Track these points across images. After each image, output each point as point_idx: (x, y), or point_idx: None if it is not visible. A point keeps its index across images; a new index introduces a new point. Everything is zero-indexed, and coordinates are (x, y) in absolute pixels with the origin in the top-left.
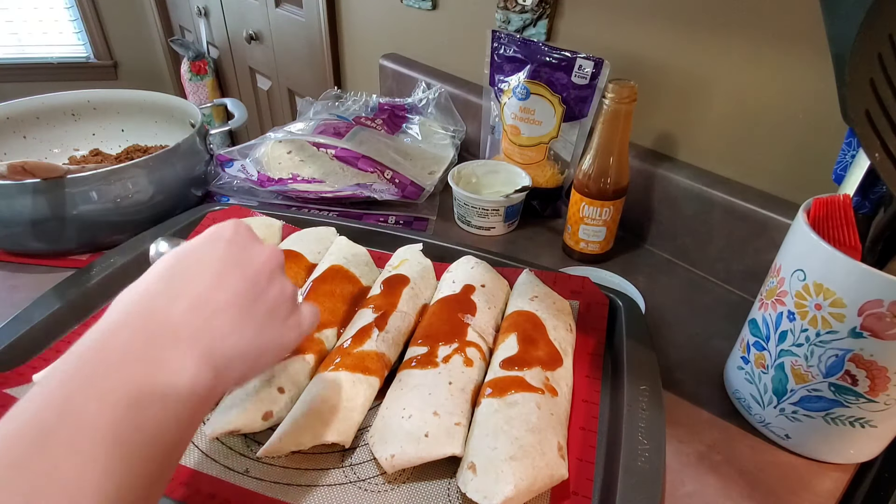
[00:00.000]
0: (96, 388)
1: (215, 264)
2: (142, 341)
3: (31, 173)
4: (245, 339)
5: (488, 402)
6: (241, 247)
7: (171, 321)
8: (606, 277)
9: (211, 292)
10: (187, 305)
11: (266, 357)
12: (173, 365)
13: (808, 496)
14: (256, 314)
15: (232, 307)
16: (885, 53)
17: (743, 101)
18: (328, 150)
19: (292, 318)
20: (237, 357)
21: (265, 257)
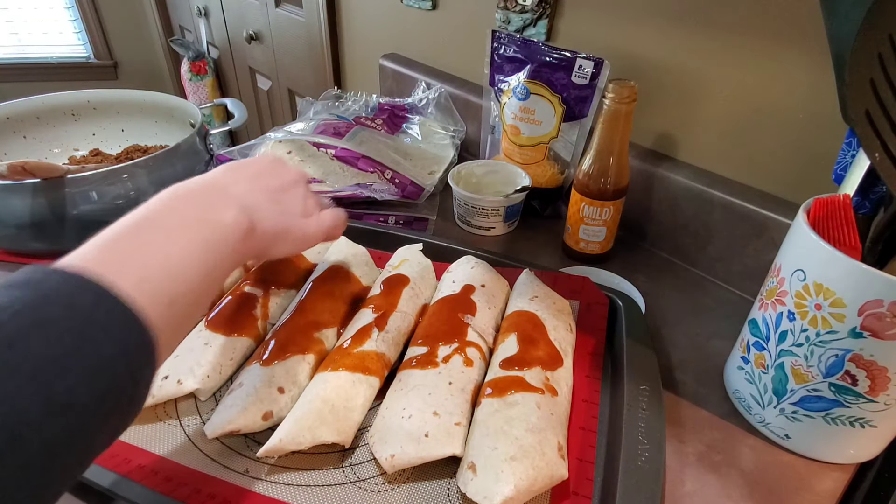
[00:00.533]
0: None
1: (257, 168)
2: (205, 193)
3: (31, 173)
4: (273, 214)
5: (488, 402)
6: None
7: (225, 187)
8: (606, 277)
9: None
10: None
11: (290, 235)
12: (223, 208)
13: (808, 496)
14: (282, 202)
15: (265, 192)
16: (885, 53)
17: (743, 101)
18: (328, 150)
19: (313, 216)
20: (267, 223)
21: (295, 174)
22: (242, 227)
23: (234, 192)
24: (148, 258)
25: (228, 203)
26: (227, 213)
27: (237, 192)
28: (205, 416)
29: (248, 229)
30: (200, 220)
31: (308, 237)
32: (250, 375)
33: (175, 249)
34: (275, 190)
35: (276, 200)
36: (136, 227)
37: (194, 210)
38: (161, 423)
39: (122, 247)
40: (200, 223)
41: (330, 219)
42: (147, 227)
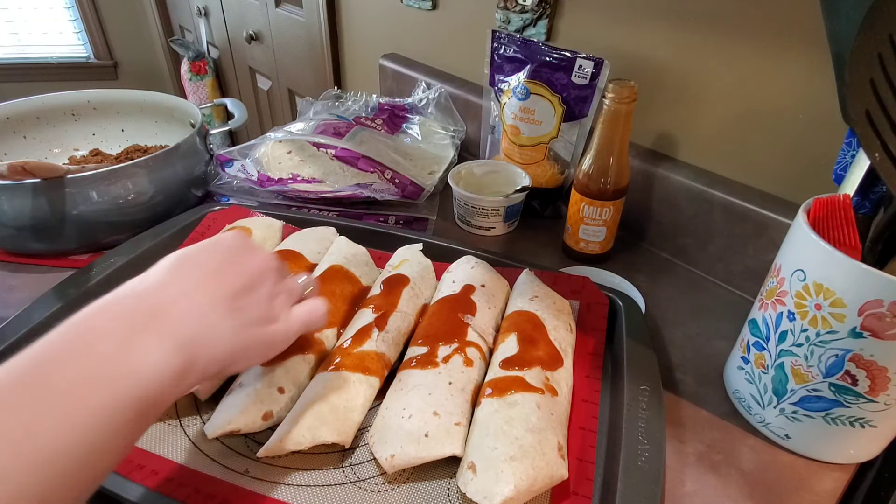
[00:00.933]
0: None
1: (211, 264)
2: (127, 322)
3: (31, 173)
4: (227, 334)
5: (488, 402)
6: (238, 252)
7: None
8: (606, 277)
9: (206, 284)
10: (182, 289)
11: (250, 353)
12: (149, 345)
13: (808, 496)
14: (241, 311)
15: (220, 302)
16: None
17: (743, 101)
18: (328, 150)
19: (280, 318)
20: (217, 348)
21: (258, 262)
22: (172, 370)
23: (176, 315)
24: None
25: (159, 335)
26: (151, 353)
27: (180, 312)
28: (205, 416)
29: (182, 370)
30: (105, 370)
31: (273, 346)
32: (250, 375)
33: (50, 429)
34: (234, 295)
35: (234, 310)
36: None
37: (102, 352)
38: (161, 423)
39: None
40: (103, 376)
41: (301, 319)
42: (19, 392)
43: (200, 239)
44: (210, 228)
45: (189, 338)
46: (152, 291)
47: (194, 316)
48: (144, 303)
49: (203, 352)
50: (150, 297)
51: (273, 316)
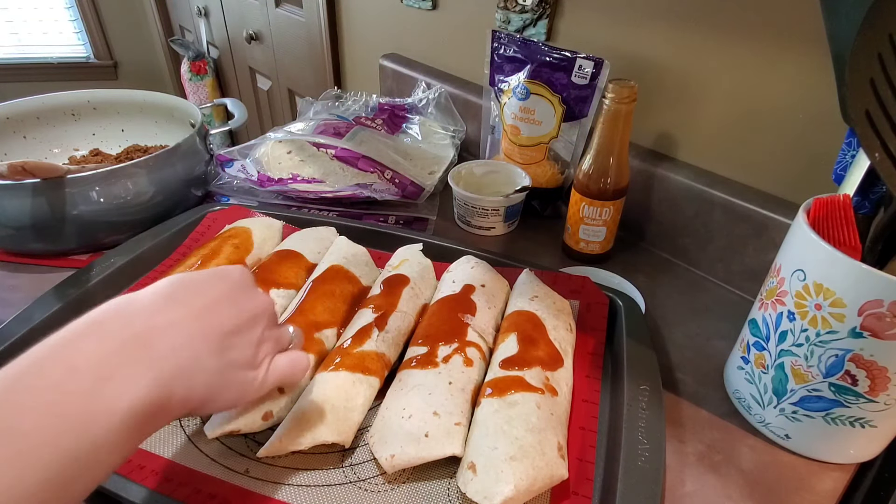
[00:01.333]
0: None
1: (211, 296)
2: (106, 349)
3: (31, 173)
4: (208, 373)
5: (488, 402)
6: (240, 290)
7: (145, 333)
8: (606, 277)
9: (202, 317)
10: (167, 322)
11: (225, 396)
12: (128, 378)
13: (808, 496)
14: (227, 351)
15: (212, 338)
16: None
17: (743, 101)
18: (328, 150)
19: (262, 366)
20: (198, 384)
21: (256, 304)
22: (149, 403)
23: (164, 346)
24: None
25: (142, 365)
26: (130, 385)
27: (169, 344)
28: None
29: (160, 404)
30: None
31: (247, 393)
32: None
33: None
34: (224, 334)
35: (221, 349)
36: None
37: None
38: None
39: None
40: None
41: (280, 371)
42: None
43: (201, 239)
44: (210, 228)
45: (170, 372)
46: (143, 315)
47: (180, 348)
48: (132, 327)
49: (181, 388)
50: (139, 322)
51: (256, 362)
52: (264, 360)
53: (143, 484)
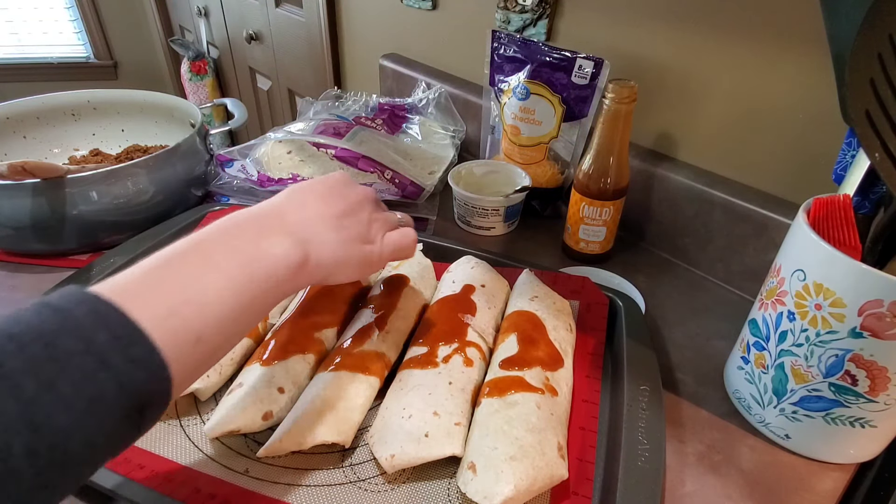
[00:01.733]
0: (229, 244)
1: (322, 189)
2: (260, 221)
3: (31, 173)
4: (332, 244)
5: (488, 402)
6: (343, 184)
7: (283, 214)
8: (606, 277)
9: (315, 204)
10: (297, 205)
11: (350, 263)
12: (275, 239)
13: (808, 496)
14: (344, 228)
15: (327, 218)
16: (885, 53)
17: (743, 101)
18: (328, 150)
19: (376, 242)
20: (325, 253)
21: (360, 192)
22: (293, 260)
23: (293, 220)
24: (180, 292)
25: (282, 233)
26: (277, 245)
27: (296, 219)
28: (205, 416)
29: (300, 262)
30: (247, 251)
31: (370, 264)
32: (250, 375)
33: (212, 282)
34: (338, 215)
35: (337, 227)
36: (180, 256)
37: (243, 240)
38: (161, 423)
39: (158, 278)
40: (246, 255)
41: (394, 243)
42: (191, 257)
43: None
44: None
45: (304, 238)
46: (275, 205)
47: (307, 224)
48: (269, 212)
49: (314, 252)
50: (273, 209)
51: (370, 237)
52: (377, 235)
53: (143, 484)
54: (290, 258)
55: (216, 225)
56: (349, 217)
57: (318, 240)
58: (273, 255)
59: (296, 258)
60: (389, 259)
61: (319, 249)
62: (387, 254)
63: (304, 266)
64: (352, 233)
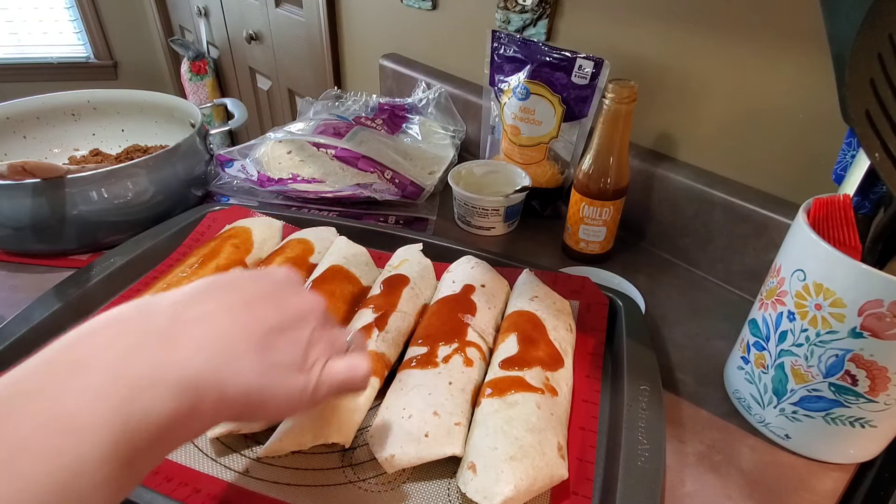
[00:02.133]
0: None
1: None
2: (123, 346)
3: (31, 173)
4: (246, 374)
5: (488, 402)
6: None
7: (171, 329)
8: (606, 277)
9: (230, 313)
10: (197, 316)
11: (272, 399)
12: (143, 381)
13: (808, 496)
14: (272, 350)
15: (246, 336)
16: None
17: (743, 101)
18: (328, 150)
19: (314, 368)
20: (230, 390)
21: (303, 302)
22: (172, 412)
23: (191, 342)
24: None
25: (161, 371)
26: (145, 398)
27: (196, 339)
28: None
29: (181, 416)
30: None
31: (299, 402)
32: None
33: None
34: (265, 331)
35: (260, 348)
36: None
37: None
38: None
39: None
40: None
41: (337, 375)
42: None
43: (201, 239)
44: (210, 228)
45: (197, 373)
46: (172, 310)
47: (211, 345)
48: (153, 323)
49: (213, 392)
50: (163, 317)
51: (305, 366)
52: (315, 363)
53: (142, 484)
54: (166, 408)
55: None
56: (281, 334)
57: (227, 368)
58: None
59: (178, 406)
60: (328, 396)
61: (225, 384)
62: (325, 389)
63: (192, 413)
64: (280, 357)
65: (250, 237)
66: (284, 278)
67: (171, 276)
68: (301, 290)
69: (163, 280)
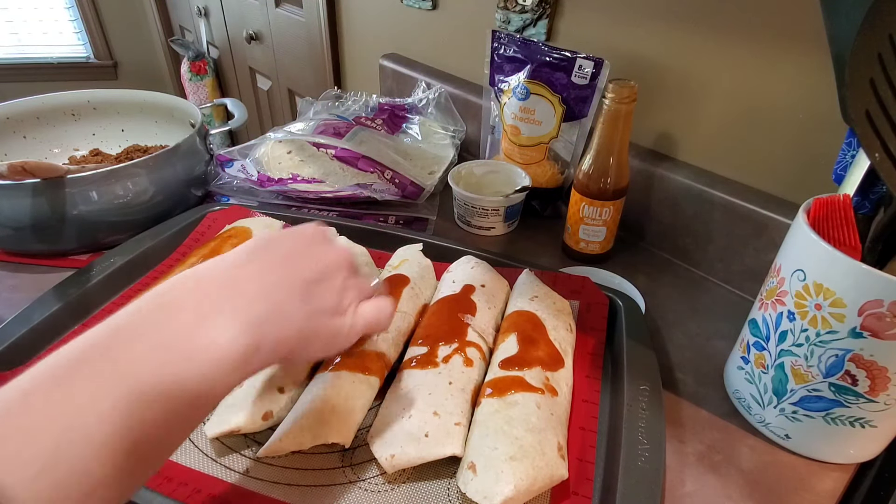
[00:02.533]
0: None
1: (292, 247)
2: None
3: (31, 173)
4: (296, 319)
5: (488, 402)
6: (316, 242)
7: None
8: (606, 277)
9: (280, 267)
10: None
11: (316, 340)
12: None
13: (808, 496)
14: (312, 298)
15: (292, 285)
16: (885, 53)
17: (743, 101)
18: (328, 150)
19: (348, 313)
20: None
21: (334, 255)
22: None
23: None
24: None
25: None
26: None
27: (253, 289)
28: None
29: (250, 351)
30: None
31: (338, 339)
32: None
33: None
34: (306, 282)
35: (304, 296)
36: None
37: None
38: None
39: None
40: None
41: (368, 316)
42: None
43: (201, 239)
44: (210, 228)
45: (259, 317)
46: (230, 270)
47: (265, 296)
48: (220, 280)
49: (271, 332)
50: (226, 275)
51: (341, 309)
52: (350, 306)
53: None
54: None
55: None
56: (317, 285)
57: (278, 315)
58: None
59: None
60: (361, 334)
61: (280, 326)
62: (358, 328)
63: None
64: (320, 303)
65: (250, 237)
66: (314, 234)
67: (172, 275)
68: (331, 243)
69: (163, 280)
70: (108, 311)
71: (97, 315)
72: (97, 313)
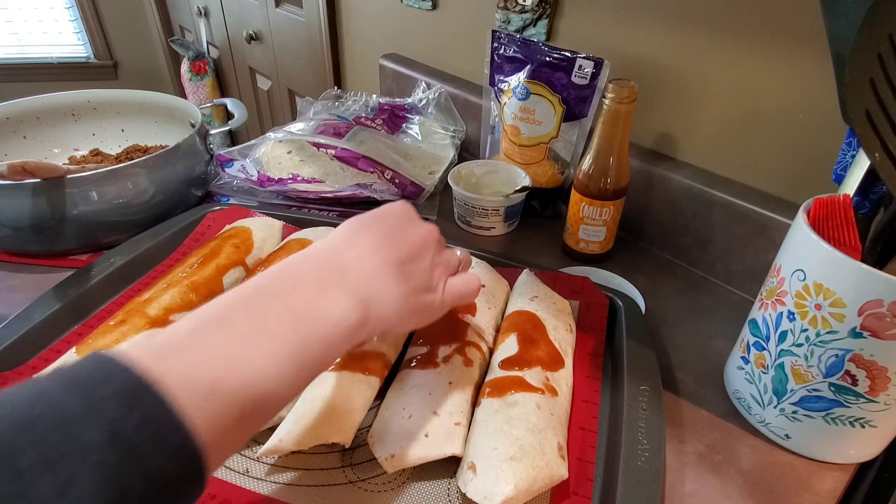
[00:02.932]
0: (283, 303)
1: (386, 228)
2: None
3: (31, 173)
4: (395, 297)
5: (488, 402)
6: (406, 221)
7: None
8: (606, 277)
9: (379, 249)
10: (359, 253)
11: (412, 316)
12: (336, 296)
13: (808, 496)
14: (407, 277)
15: (391, 266)
16: (885, 53)
17: (743, 101)
18: (328, 150)
19: (438, 289)
20: (387, 309)
21: (423, 233)
22: (352, 323)
23: (355, 272)
24: (224, 363)
25: (343, 288)
26: (337, 303)
27: (359, 270)
28: None
29: (360, 323)
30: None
31: (430, 314)
32: None
33: (262, 351)
34: (402, 261)
35: (401, 276)
36: (228, 316)
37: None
38: None
39: (203, 345)
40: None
41: (456, 291)
42: (240, 316)
43: (201, 239)
44: (210, 228)
45: (365, 295)
46: (339, 251)
47: (370, 277)
48: (332, 260)
49: (375, 310)
50: (337, 256)
51: (432, 285)
52: (439, 282)
53: None
54: (349, 318)
55: (272, 274)
56: (412, 263)
57: (381, 295)
58: (331, 317)
59: (354, 319)
60: (450, 307)
61: (381, 305)
62: (448, 302)
63: (362, 326)
64: (415, 282)
65: (250, 237)
66: (403, 212)
67: (172, 276)
68: (419, 221)
69: (163, 280)
70: (108, 311)
71: (97, 315)
72: (97, 313)
